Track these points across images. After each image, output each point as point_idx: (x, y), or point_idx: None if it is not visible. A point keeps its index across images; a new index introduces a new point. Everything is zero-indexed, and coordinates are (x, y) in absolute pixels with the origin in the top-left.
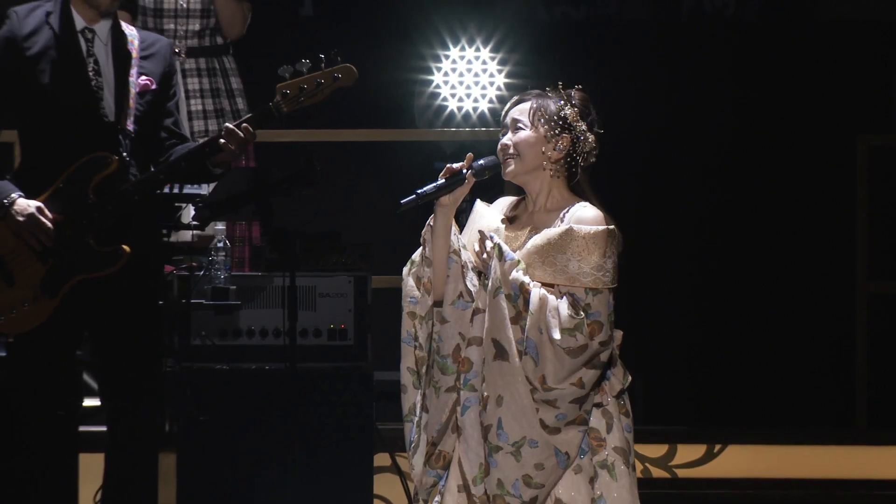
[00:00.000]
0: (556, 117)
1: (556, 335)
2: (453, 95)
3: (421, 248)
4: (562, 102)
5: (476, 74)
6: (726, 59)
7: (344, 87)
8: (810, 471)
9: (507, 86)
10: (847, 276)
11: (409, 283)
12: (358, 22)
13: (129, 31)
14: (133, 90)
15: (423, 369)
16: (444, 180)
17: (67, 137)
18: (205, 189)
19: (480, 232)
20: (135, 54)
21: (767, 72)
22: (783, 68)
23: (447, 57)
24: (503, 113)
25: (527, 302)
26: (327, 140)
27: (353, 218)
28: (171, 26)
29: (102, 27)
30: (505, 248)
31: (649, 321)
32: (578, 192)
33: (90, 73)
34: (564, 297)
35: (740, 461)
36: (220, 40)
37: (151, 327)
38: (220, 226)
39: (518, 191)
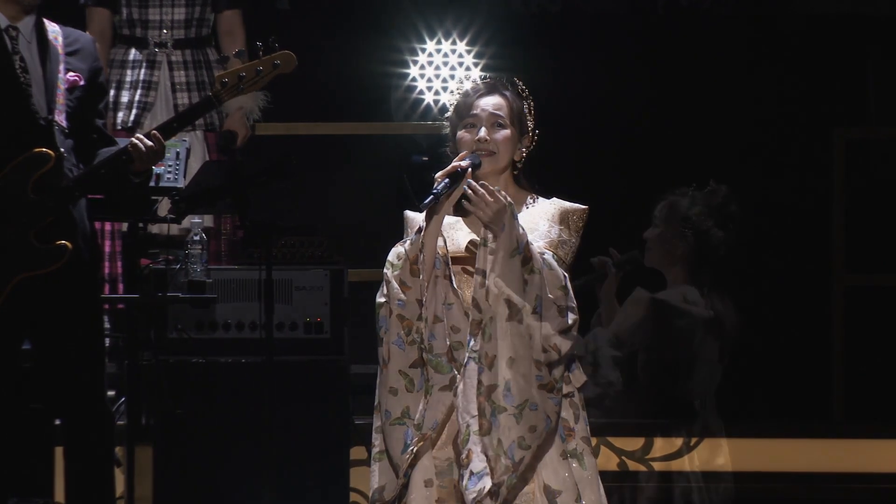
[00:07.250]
0: (526, 116)
1: (554, 292)
2: (430, 88)
3: (400, 248)
4: (524, 100)
5: (452, 68)
6: (702, 52)
7: (284, 74)
8: (787, 464)
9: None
10: (824, 268)
11: (394, 286)
12: (334, 15)
13: (52, 27)
14: (62, 86)
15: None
16: (448, 179)
17: (1, 136)
18: (181, 182)
19: (483, 185)
20: (60, 50)
21: (743, 65)
22: (759, 61)
23: (423, 50)
24: (471, 101)
25: (528, 259)
26: (304, 133)
27: (329, 211)
28: (157, 16)
29: (26, 24)
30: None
31: None
32: (523, 185)
33: (17, 71)
34: (549, 254)
35: (717, 454)
36: (204, 31)
37: (94, 320)
38: (197, 219)
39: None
